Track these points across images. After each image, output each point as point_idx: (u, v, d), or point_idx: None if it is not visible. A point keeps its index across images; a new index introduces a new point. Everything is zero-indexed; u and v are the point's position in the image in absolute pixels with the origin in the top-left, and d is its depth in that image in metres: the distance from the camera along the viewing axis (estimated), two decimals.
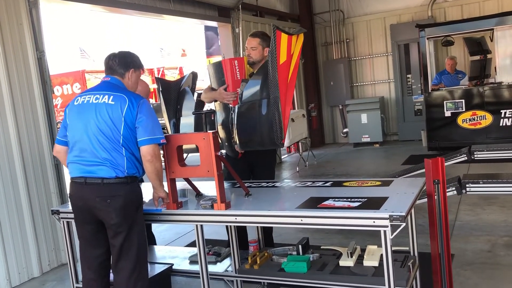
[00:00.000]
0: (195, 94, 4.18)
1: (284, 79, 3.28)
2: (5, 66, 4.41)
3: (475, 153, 4.72)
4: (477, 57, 8.66)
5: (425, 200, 2.86)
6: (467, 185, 4.16)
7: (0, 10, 4.40)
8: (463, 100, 8.36)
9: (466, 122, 8.34)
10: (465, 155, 4.78)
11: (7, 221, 4.35)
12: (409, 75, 10.55)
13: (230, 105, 3.55)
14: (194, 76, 4.12)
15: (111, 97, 2.75)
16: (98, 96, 2.78)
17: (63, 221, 3.31)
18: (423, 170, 2.93)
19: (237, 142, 3.51)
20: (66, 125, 2.87)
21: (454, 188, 4.19)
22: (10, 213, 4.38)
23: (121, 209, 2.72)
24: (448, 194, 3.91)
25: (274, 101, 3.21)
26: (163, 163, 2.93)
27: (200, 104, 3.93)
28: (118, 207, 2.72)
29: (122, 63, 2.88)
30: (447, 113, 8.45)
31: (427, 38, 8.63)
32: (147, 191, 3.17)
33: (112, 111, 2.71)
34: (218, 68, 3.63)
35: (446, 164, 3.55)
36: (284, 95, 3.28)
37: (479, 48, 8.60)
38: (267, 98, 3.27)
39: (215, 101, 3.73)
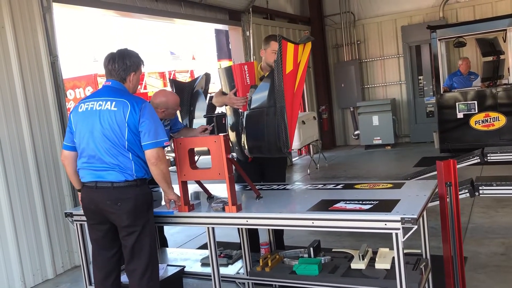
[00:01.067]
0: (208, 96, 4.21)
1: (291, 88, 3.29)
2: (20, 71, 4.47)
3: (488, 155, 4.67)
4: (489, 58, 8.58)
5: (437, 202, 2.85)
6: (480, 188, 4.12)
7: (15, 16, 4.47)
8: (476, 102, 8.28)
9: (479, 124, 8.26)
10: (478, 157, 4.73)
11: (21, 224, 4.41)
12: (420, 77, 10.48)
13: (240, 110, 3.57)
14: (207, 77, 4.16)
15: (114, 103, 2.75)
16: (101, 102, 2.78)
17: (76, 224, 3.35)
18: (435, 173, 2.91)
19: (246, 147, 3.53)
20: (72, 131, 2.89)
21: (467, 191, 4.14)
22: (24, 216, 4.44)
23: (132, 211, 2.76)
24: (460, 196, 3.88)
25: (280, 110, 3.23)
26: (175, 166, 2.96)
27: (212, 106, 3.96)
28: (129, 209, 2.75)
29: (122, 68, 2.85)
30: (460, 115, 8.38)
31: (439, 40, 8.57)
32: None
33: (116, 117, 2.73)
34: (228, 73, 3.66)
35: (458, 166, 3.52)
36: (291, 104, 3.29)
37: (491, 49, 8.52)
38: (273, 106, 3.28)
39: (226, 105, 3.75)
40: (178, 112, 3.92)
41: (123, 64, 2.84)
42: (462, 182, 4.23)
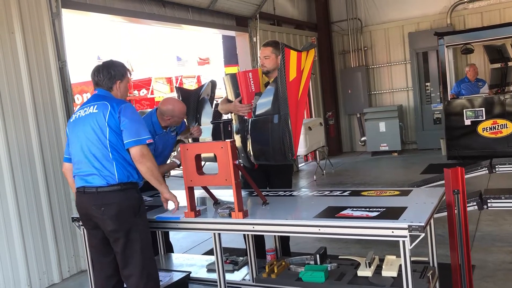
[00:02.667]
0: (214, 103, 4.23)
1: (295, 96, 3.30)
2: (29, 75, 4.51)
3: (496, 166, 4.63)
4: (497, 65, 8.54)
5: (445, 213, 2.83)
6: (488, 201, 4.09)
7: (24, 21, 4.52)
8: (483, 109, 8.23)
9: (487, 131, 8.21)
10: (486, 169, 4.69)
11: (28, 228, 4.43)
12: (427, 83, 10.45)
13: (245, 117, 3.58)
14: (213, 84, 4.18)
15: (95, 106, 2.83)
16: (86, 108, 2.87)
17: (83, 228, 3.36)
18: (443, 182, 2.89)
19: (252, 154, 3.53)
20: (68, 143, 2.99)
21: (475, 203, 4.12)
22: (31, 220, 4.46)
23: (116, 216, 2.75)
24: (469, 208, 3.86)
25: (284, 118, 3.24)
26: (180, 170, 2.96)
27: (218, 113, 3.97)
28: (112, 214, 2.75)
29: (107, 78, 2.92)
30: (467, 122, 8.34)
31: (446, 46, 8.55)
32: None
33: (97, 119, 2.78)
34: (233, 80, 3.67)
35: (466, 176, 3.50)
36: (295, 111, 3.30)
37: (499, 56, 8.49)
38: (278, 113, 3.29)
39: (231, 112, 3.76)
40: (185, 119, 3.94)
41: (108, 74, 2.92)
42: (471, 194, 4.21)
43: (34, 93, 4.57)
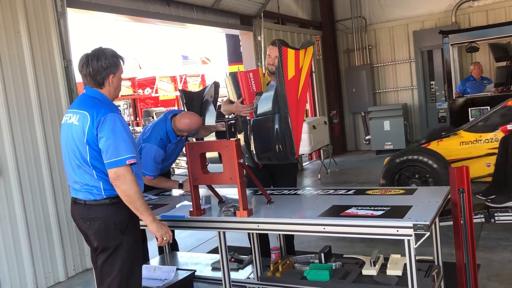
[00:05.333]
0: (217, 104, 4.23)
1: (294, 94, 3.28)
2: (34, 75, 4.53)
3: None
4: (503, 63, 8.48)
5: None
6: (495, 214, 4.10)
7: (30, 21, 4.53)
8: (489, 107, 8.18)
9: None
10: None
11: (34, 227, 4.46)
12: (432, 82, 10.41)
13: (248, 117, 3.58)
14: (216, 86, 4.18)
15: (77, 116, 2.52)
16: (70, 115, 2.58)
17: None
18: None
19: (255, 154, 3.54)
20: None
21: (482, 216, 4.14)
22: (37, 219, 4.49)
23: (100, 232, 2.53)
24: (475, 220, 3.87)
25: (284, 117, 3.23)
26: (185, 168, 2.96)
27: (221, 114, 3.98)
28: (96, 230, 2.53)
29: (97, 71, 2.53)
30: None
31: (451, 45, 8.51)
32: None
33: (77, 134, 2.50)
34: (234, 81, 3.67)
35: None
36: (295, 110, 3.29)
37: (505, 54, 8.42)
38: (278, 113, 3.28)
39: (233, 114, 3.77)
40: None
41: (99, 67, 2.52)
42: (477, 206, 4.20)
43: (40, 92, 4.59)
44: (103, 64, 2.53)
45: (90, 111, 2.48)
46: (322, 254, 3.12)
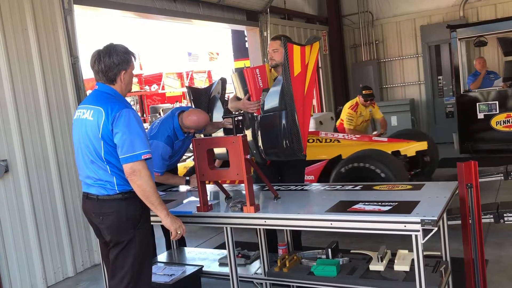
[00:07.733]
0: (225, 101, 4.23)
1: (300, 90, 3.27)
2: (42, 71, 4.56)
3: None
4: (511, 58, 8.42)
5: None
6: (504, 214, 4.10)
7: (37, 17, 4.55)
8: (497, 102, 8.13)
9: (500, 125, 8.11)
10: (502, 175, 4.64)
11: (43, 223, 4.49)
12: (440, 77, 10.35)
13: (255, 114, 3.58)
14: (223, 82, 4.17)
15: (92, 111, 2.55)
16: (84, 111, 2.61)
17: None
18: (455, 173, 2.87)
19: (262, 150, 3.53)
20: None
21: (492, 216, 4.14)
22: (46, 215, 4.52)
23: (113, 227, 2.56)
24: (484, 221, 3.88)
25: (291, 114, 3.22)
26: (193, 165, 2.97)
27: (228, 111, 3.98)
28: (109, 224, 2.57)
29: (109, 67, 2.56)
30: (480, 115, 8.23)
31: (459, 39, 8.45)
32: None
33: (92, 129, 2.52)
34: (241, 77, 3.66)
35: (480, 180, 3.47)
36: (302, 106, 3.28)
37: None
38: (284, 110, 3.27)
39: (240, 110, 3.77)
40: None
41: (111, 63, 2.55)
42: (487, 206, 4.18)
43: (47, 89, 4.62)
44: (114, 61, 2.56)
45: (104, 107, 2.51)
46: (329, 250, 3.12)
